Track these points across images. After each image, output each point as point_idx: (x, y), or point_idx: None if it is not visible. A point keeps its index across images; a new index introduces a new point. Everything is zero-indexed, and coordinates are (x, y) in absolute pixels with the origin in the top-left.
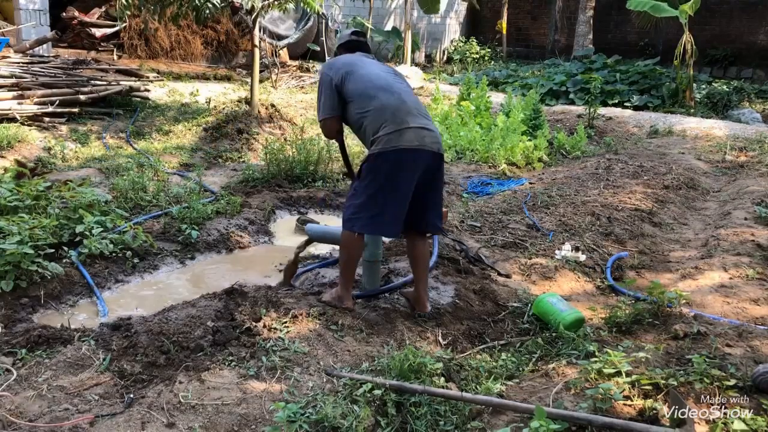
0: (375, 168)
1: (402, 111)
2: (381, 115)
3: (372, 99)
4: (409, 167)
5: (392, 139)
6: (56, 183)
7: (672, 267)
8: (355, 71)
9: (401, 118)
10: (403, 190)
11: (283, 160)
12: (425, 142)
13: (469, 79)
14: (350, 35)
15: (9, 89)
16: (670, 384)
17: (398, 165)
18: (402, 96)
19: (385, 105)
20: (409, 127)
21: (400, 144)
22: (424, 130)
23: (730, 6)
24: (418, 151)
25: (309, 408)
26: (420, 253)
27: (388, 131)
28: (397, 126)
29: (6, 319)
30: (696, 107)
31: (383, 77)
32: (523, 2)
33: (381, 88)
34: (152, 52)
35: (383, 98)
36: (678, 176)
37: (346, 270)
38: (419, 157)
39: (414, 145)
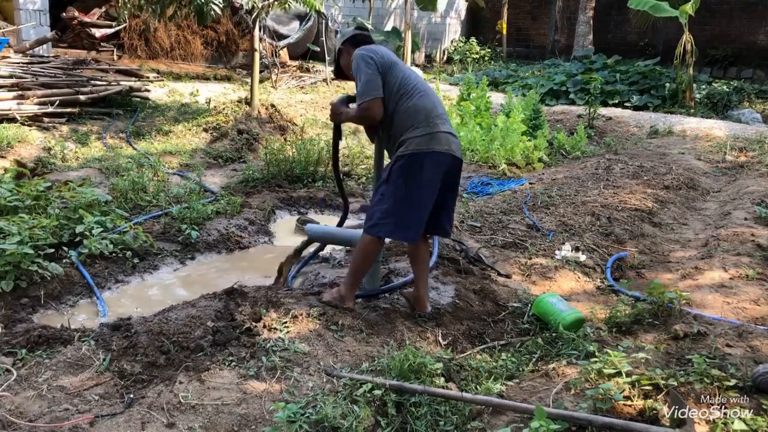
0: (406, 169)
1: (434, 115)
2: (415, 116)
3: (410, 97)
4: (437, 171)
5: (424, 142)
6: (56, 183)
7: (672, 267)
8: (397, 65)
9: (434, 122)
10: (430, 194)
11: (283, 161)
12: (452, 148)
13: (469, 79)
14: (354, 30)
15: (9, 89)
16: (670, 384)
17: (429, 168)
18: (435, 100)
19: (420, 106)
20: (441, 132)
21: (432, 147)
22: (452, 136)
23: (730, 6)
24: (446, 156)
25: (309, 408)
26: (421, 254)
27: (421, 133)
28: (429, 129)
29: (6, 319)
30: (696, 107)
31: (419, 79)
32: (523, 2)
33: (418, 88)
34: (152, 52)
35: (418, 99)
36: (678, 176)
37: (359, 273)
38: (446, 162)
39: (444, 149)
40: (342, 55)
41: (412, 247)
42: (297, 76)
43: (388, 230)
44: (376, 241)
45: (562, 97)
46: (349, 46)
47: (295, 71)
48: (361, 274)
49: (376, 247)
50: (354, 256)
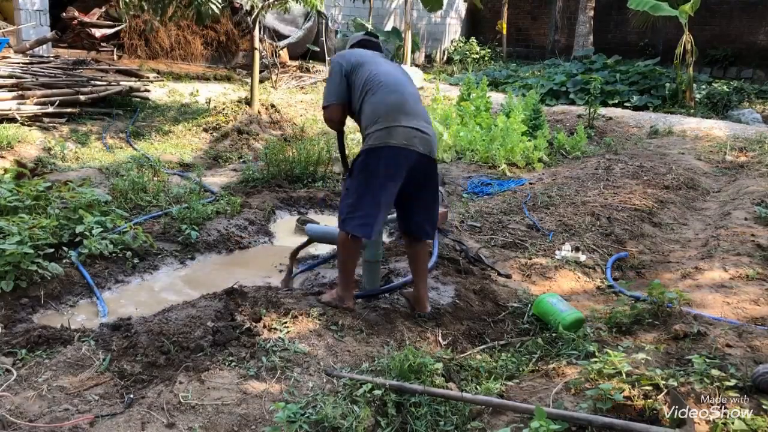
0: (364, 165)
1: (397, 110)
2: (377, 111)
3: (374, 93)
4: (395, 166)
5: (381, 136)
6: (56, 183)
7: (672, 267)
8: (365, 63)
9: (394, 117)
10: (388, 190)
11: (283, 160)
12: (413, 143)
13: (469, 79)
14: (363, 35)
15: (9, 89)
16: (670, 384)
17: (384, 163)
18: (404, 96)
19: (384, 102)
20: (400, 126)
21: (388, 141)
22: (415, 131)
23: (730, 6)
24: (404, 150)
25: (309, 408)
26: (418, 254)
27: (379, 128)
28: (388, 123)
29: (6, 319)
30: (696, 107)
31: (392, 75)
32: (523, 2)
33: (385, 84)
34: (152, 52)
35: (384, 95)
36: (678, 176)
37: (344, 271)
38: (405, 157)
39: (401, 144)
40: None
41: (409, 247)
42: (297, 76)
43: (352, 226)
44: (349, 237)
45: (562, 97)
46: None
47: (295, 71)
48: (349, 272)
49: (352, 243)
50: (337, 255)
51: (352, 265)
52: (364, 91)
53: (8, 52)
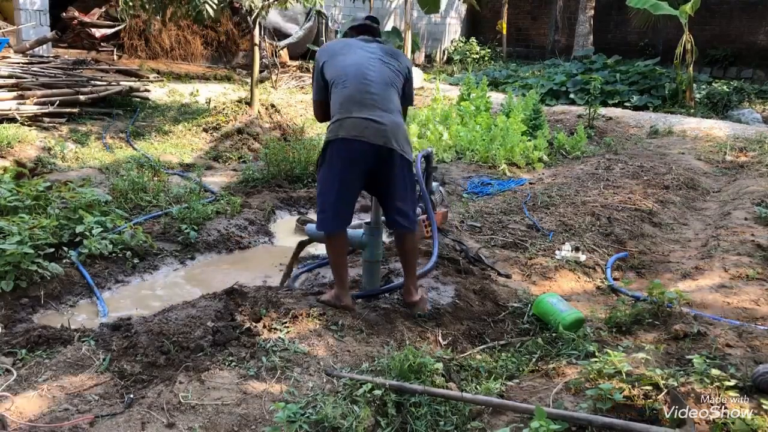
0: (322, 160)
1: (352, 101)
2: (335, 104)
3: (336, 87)
4: (347, 159)
5: (333, 129)
6: (56, 183)
7: (672, 267)
8: (336, 57)
9: (347, 108)
10: (345, 183)
11: (283, 160)
12: (365, 134)
13: (469, 79)
14: (364, 19)
15: (9, 89)
16: (670, 384)
17: (336, 156)
18: (363, 85)
19: (342, 94)
20: (351, 117)
21: (338, 134)
22: (368, 121)
23: (730, 6)
24: (355, 142)
25: (309, 408)
26: (402, 246)
27: (333, 120)
28: (340, 115)
29: (6, 319)
30: (696, 107)
31: (358, 65)
32: (523, 2)
33: (350, 76)
34: (152, 52)
35: (343, 88)
36: (678, 176)
37: (333, 269)
38: (357, 149)
39: (351, 135)
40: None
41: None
42: (297, 76)
43: (318, 222)
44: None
45: (562, 97)
46: (353, 33)
47: (295, 71)
48: (337, 270)
49: (329, 241)
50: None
51: (339, 262)
52: (331, 85)
53: (8, 52)
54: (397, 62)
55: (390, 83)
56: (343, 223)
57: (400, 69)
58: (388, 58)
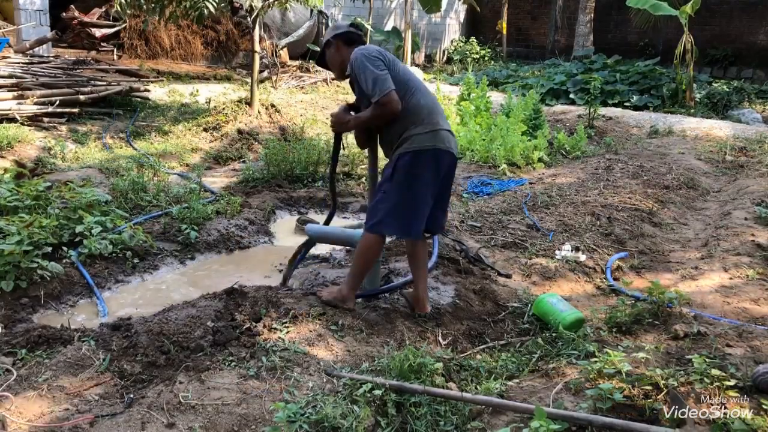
0: (412, 166)
1: (435, 113)
2: (417, 114)
3: (412, 95)
4: (440, 168)
5: (428, 139)
6: (56, 183)
7: (672, 267)
8: (398, 61)
9: (435, 120)
10: (433, 190)
11: (283, 161)
12: (452, 146)
13: (469, 79)
14: (349, 27)
15: (9, 89)
16: (670, 384)
17: (433, 165)
18: (435, 99)
19: (422, 104)
20: (443, 129)
21: (436, 144)
22: (451, 134)
23: (730, 6)
24: (447, 153)
25: (309, 408)
26: (420, 254)
27: (424, 131)
28: (432, 126)
29: (6, 319)
30: (696, 107)
31: (417, 77)
32: (523, 2)
33: (418, 86)
34: (152, 52)
35: (420, 97)
36: (678, 176)
37: (362, 273)
38: (447, 159)
39: (445, 147)
40: (329, 47)
41: (411, 247)
42: (297, 76)
43: (393, 228)
44: (380, 239)
45: (562, 97)
46: (340, 41)
47: (295, 71)
48: (364, 274)
49: (378, 246)
50: (356, 256)
51: (370, 267)
52: (404, 91)
53: (8, 52)
54: None
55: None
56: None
57: None
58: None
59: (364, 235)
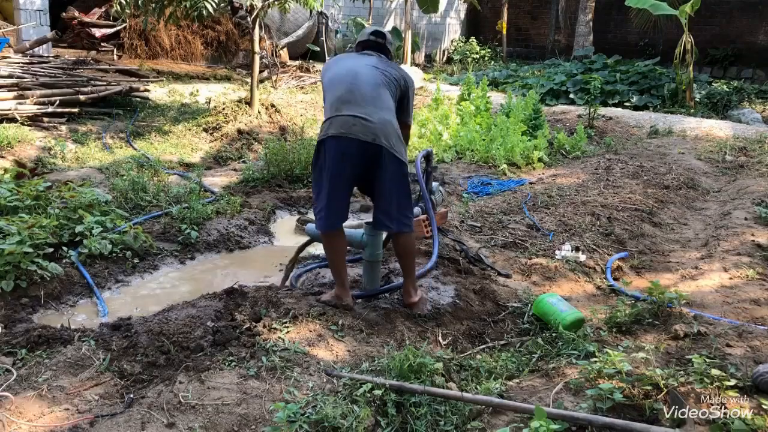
0: (314, 159)
1: (341, 100)
2: (327, 106)
3: (330, 90)
4: (337, 156)
5: (324, 128)
6: (56, 183)
7: (672, 267)
8: (331, 68)
9: (336, 107)
10: (335, 180)
11: (283, 161)
12: (352, 131)
13: (469, 79)
14: (369, 35)
15: (9, 89)
16: (670, 384)
17: (326, 154)
18: (354, 85)
19: (334, 95)
20: (340, 115)
21: (328, 132)
22: (356, 118)
23: (730, 6)
24: (343, 139)
25: (309, 408)
26: (397, 246)
27: (324, 120)
28: (330, 114)
29: (6, 319)
30: (696, 107)
31: (352, 71)
32: (523, 2)
33: (341, 80)
34: (152, 52)
35: (335, 91)
36: (678, 176)
37: (332, 268)
38: (346, 146)
39: (339, 132)
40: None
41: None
42: (297, 76)
43: (316, 221)
44: (324, 235)
45: (562, 97)
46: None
47: (295, 71)
48: (336, 269)
49: (326, 240)
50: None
51: (337, 261)
52: (329, 90)
53: (8, 52)
54: (395, 72)
55: (381, 85)
56: (336, 221)
57: (396, 78)
58: (385, 67)
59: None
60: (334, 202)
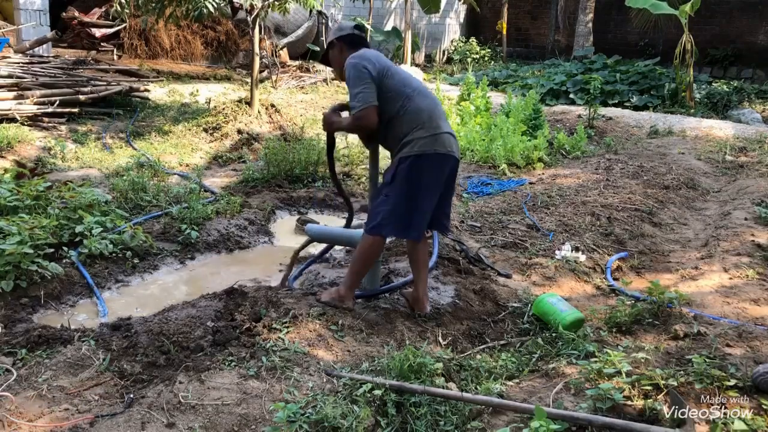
0: (413, 169)
1: (436, 116)
2: (417, 117)
3: (410, 99)
4: (442, 171)
5: (429, 143)
6: (56, 183)
7: (672, 267)
8: (392, 67)
9: (437, 123)
10: (433, 194)
11: (283, 161)
12: (453, 149)
13: (469, 79)
14: (353, 29)
15: (9, 89)
16: (670, 384)
17: (433, 169)
18: (435, 101)
19: (422, 108)
20: (444, 132)
21: (437, 148)
22: (452, 137)
23: (730, 6)
24: (449, 157)
25: (309, 408)
26: (420, 255)
27: (425, 134)
28: (433, 130)
29: (6, 319)
30: (696, 107)
31: (417, 80)
32: (523, 2)
33: (417, 89)
34: (152, 52)
35: (419, 100)
36: (678, 176)
37: (360, 273)
38: (448, 162)
39: (446, 150)
40: (333, 48)
41: (412, 247)
42: (297, 76)
43: (392, 230)
44: (380, 240)
45: (562, 97)
46: (343, 43)
47: (295, 71)
48: (363, 274)
49: (378, 247)
50: (355, 257)
51: (369, 268)
52: (401, 95)
53: (8, 52)
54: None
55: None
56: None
57: None
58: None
59: (363, 237)
60: (427, 214)
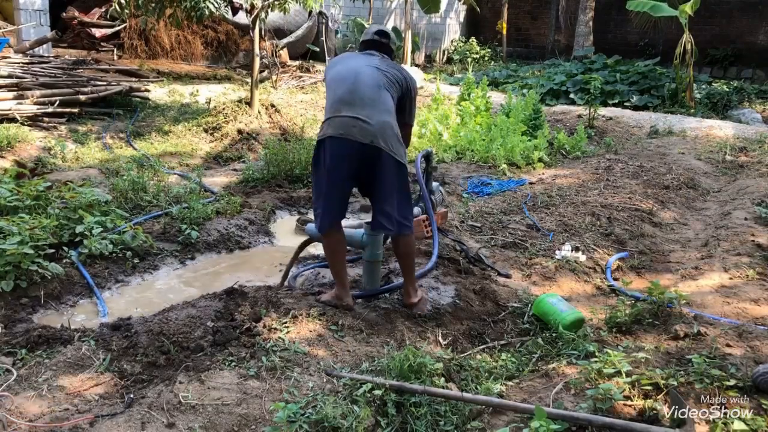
0: (314, 158)
1: (342, 101)
2: (329, 106)
3: (330, 90)
4: (334, 157)
5: (323, 128)
6: (56, 183)
7: (672, 267)
8: (334, 67)
9: (336, 108)
10: (333, 182)
11: (283, 161)
12: (351, 132)
13: (469, 79)
14: (373, 34)
15: (9, 89)
16: (670, 384)
17: (324, 155)
18: (354, 86)
19: (335, 96)
20: (339, 116)
21: (327, 133)
22: (355, 120)
23: (730, 6)
24: (343, 140)
25: (309, 408)
26: (396, 249)
27: (323, 120)
28: (330, 114)
29: (6, 319)
30: (696, 107)
31: (353, 70)
32: (523, 2)
33: (342, 80)
34: (152, 52)
35: (337, 90)
36: (678, 176)
37: (331, 268)
38: (345, 147)
39: (338, 134)
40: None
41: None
42: (297, 76)
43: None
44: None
45: (562, 97)
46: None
47: (295, 71)
48: (335, 270)
49: (326, 241)
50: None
51: (337, 261)
52: (329, 88)
53: (8, 52)
54: (398, 73)
55: (382, 86)
56: (334, 221)
57: (398, 79)
58: (387, 68)
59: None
60: (331, 203)
